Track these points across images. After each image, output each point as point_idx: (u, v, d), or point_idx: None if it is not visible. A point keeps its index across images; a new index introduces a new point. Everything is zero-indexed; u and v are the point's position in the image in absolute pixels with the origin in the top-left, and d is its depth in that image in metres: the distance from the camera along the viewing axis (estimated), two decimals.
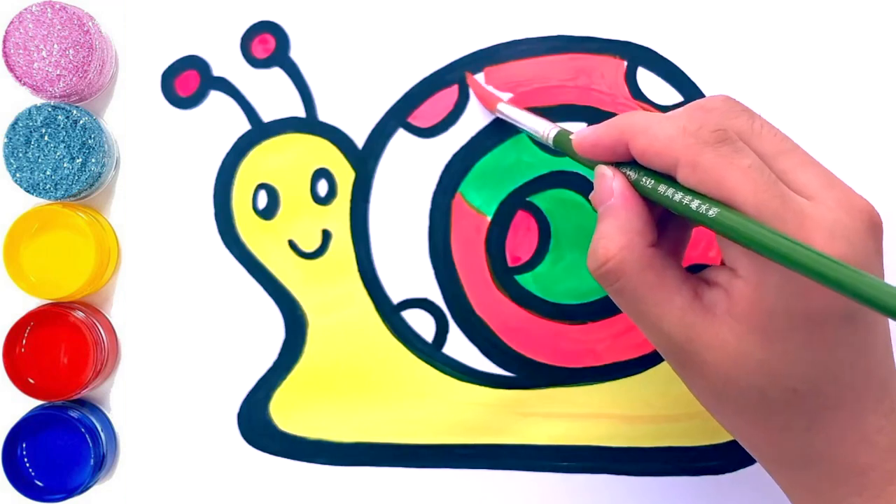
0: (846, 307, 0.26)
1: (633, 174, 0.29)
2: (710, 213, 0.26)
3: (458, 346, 0.38)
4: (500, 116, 0.37)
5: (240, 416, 0.38)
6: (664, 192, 0.28)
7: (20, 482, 0.37)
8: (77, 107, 0.37)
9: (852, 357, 0.27)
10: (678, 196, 0.27)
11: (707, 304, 0.28)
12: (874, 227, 0.27)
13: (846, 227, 0.26)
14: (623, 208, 0.29)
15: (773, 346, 0.27)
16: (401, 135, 0.38)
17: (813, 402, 0.27)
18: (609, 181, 0.30)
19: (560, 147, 0.33)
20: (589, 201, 0.37)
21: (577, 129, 0.37)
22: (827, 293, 0.25)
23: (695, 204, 0.27)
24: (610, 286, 0.29)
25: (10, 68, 0.36)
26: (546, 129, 0.34)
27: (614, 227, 0.29)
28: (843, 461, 0.28)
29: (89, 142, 0.37)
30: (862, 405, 0.28)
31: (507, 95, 0.37)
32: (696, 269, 0.30)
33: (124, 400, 0.39)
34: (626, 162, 0.30)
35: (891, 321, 0.29)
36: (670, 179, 0.28)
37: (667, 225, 0.31)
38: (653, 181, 0.28)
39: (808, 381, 0.27)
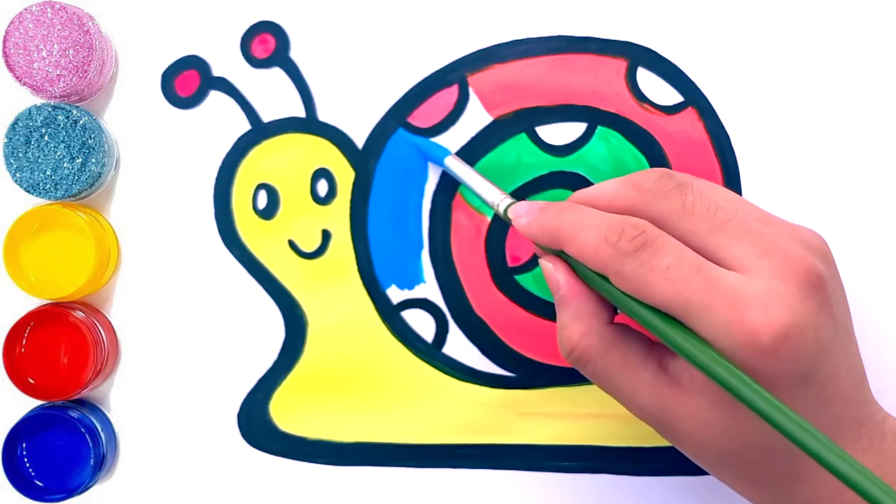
0: (799, 370, 0.27)
1: (576, 264, 0.30)
2: (643, 320, 0.28)
3: (458, 346, 0.38)
4: (449, 172, 0.36)
5: (240, 416, 0.38)
6: (604, 288, 0.29)
7: (20, 482, 0.37)
8: (77, 107, 0.37)
9: (816, 409, 0.28)
10: (616, 296, 0.29)
11: (672, 375, 0.29)
12: (813, 285, 0.27)
13: (782, 295, 0.27)
14: (571, 297, 0.30)
15: (735, 413, 0.28)
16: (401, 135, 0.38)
17: (786, 457, 0.28)
18: (553, 274, 0.30)
19: (509, 220, 0.33)
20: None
21: (576, 129, 0.38)
22: (778, 360, 0.26)
23: (630, 308, 0.28)
24: (582, 370, 0.30)
25: (10, 68, 0.36)
26: (497, 198, 0.34)
27: (569, 315, 0.30)
28: None
29: (89, 142, 0.37)
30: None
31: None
32: None
33: (124, 400, 0.39)
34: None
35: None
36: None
37: None
38: (593, 275, 0.29)
39: (775, 439, 0.27)
